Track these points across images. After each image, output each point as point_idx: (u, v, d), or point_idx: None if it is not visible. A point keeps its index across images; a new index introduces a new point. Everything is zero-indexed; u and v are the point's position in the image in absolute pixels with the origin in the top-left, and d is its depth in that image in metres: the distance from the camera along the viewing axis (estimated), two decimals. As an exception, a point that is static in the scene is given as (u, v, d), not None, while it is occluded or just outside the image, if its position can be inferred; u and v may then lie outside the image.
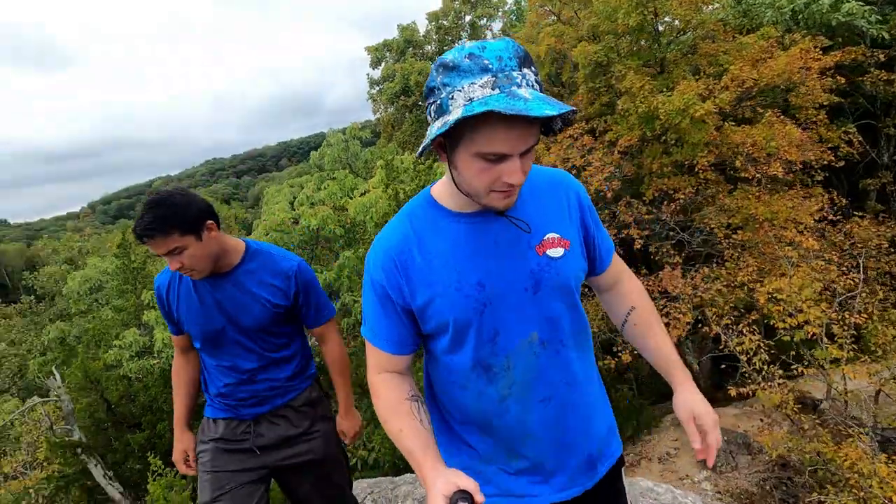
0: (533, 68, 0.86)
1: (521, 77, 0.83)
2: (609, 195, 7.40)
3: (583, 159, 7.77)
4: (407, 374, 1.13)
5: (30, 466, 7.95)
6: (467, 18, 12.79)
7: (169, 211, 1.42)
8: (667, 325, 7.27)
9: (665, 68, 8.16)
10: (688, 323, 6.91)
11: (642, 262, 9.42)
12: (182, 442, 1.79)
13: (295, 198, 11.34)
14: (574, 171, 8.05)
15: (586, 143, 7.99)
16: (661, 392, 11.72)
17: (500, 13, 13.20)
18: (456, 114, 0.82)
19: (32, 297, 19.67)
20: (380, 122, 14.84)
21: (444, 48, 13.67)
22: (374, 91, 14.15)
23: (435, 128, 0.87)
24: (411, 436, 0.99)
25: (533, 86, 0.84)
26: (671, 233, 7.67)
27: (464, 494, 0.87)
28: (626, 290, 1.23)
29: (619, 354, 7.66)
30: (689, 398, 1.11)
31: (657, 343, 1.18)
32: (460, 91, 0.83)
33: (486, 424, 1.09)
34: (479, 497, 0.86)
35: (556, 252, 1.03)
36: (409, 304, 1.03)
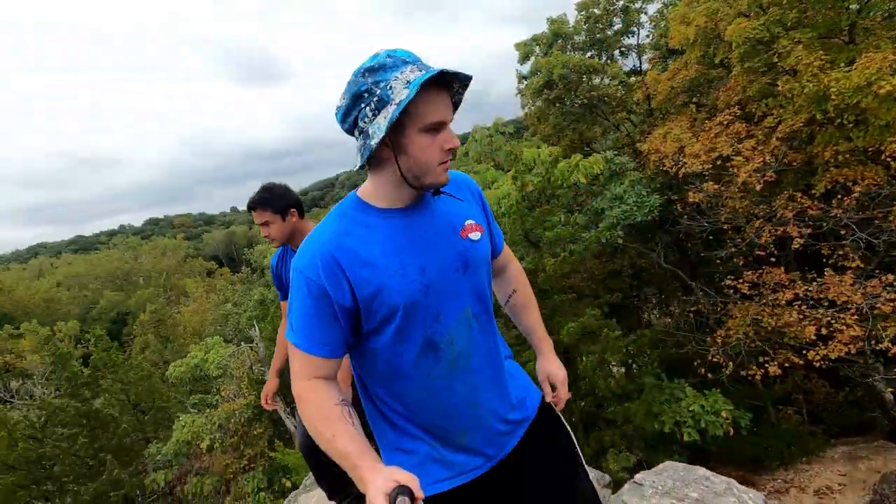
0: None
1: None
2: (759, 187, 6.61)
3: (732, 148, 7.06)
4: (334, 379, 1.13)
5: (237, 395, 10.39)
6: (619, 3, 12.23)
7: (269, 195, 2.10)
8: (827, 337, 6.25)
9: (854, 37, 6.89)
10: (855, 337, 5.88)
11: (801, 263, 8.14)
12: (270, 385, 2.37)
13: (441, 190, 12.35)
14: (719, 161, 7.36)
15: (739, 131, 7.22)
16: (844, 424, 9.89)
17: (655, -6, 12.33)
18: (404, 93, 0.94)
19: (249, 268, 24.61)
20: (528, 117, 15.09)
21: (596, 36, 13.30)
22: (521, 86, 14.45)
23: (384, 117, 0.96)
24: (345, 439, 1.00)
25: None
26: (844, 231, 6.52)
27: (403, 489, 0.86)
28: (511, 275, 1.45)
29: (766, 365, 6.86)
30: (546, 362, 1.44)
31: (530, 322, 1.47)
32: (396, 80, 0.96)
33: (435, 405, 1.13)
34: (418, 492, 0.88)
35: (475, 235, 1.17)
36: (349, 300, 1.04)
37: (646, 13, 12.44)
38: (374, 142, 0.99)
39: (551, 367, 1.42)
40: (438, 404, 1.13)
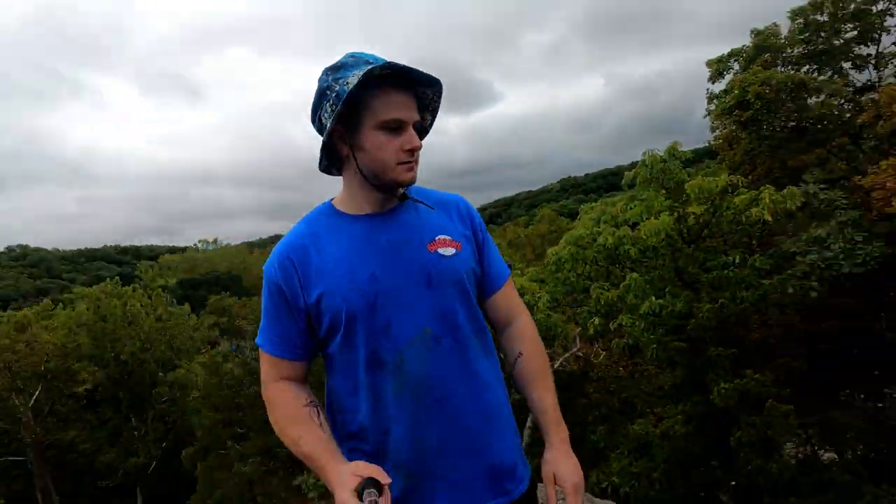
0: None
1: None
2: None
3: None
4: (304, 383, 1.12)
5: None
6: (851, 7, 9.97)
7: None
8: None
9: None
10: None
11: None
12: None
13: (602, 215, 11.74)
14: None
15: None
16: None
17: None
18: (354, 80, 0.94)
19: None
20: (716, 141, 13.41)
21: (819, 47, 11.13)
22: (711, 107, 12.91)
23: (331, 109, 0.98)
24: (311, 441, 0.98)
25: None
26: None
27: (369, 481, 0.85)
28: (518, 333, 1.20)
29: None
30: (554, 457, 1.07)
31: (539, 396, 1.14)
32: (353, 76, 0.95)
33: (378, 432, 1.03)
34: (384, 479, 0.86)
35: (447, 251, 1.07)
36: (303, 302, 1.03)
37: (892, 14, 9.91)
38: (325, 135, 1.01)
39: (562, 465, 1.06)
40: (401, 439, 1.02)
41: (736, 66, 12.53)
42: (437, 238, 1.08)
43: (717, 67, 12.35)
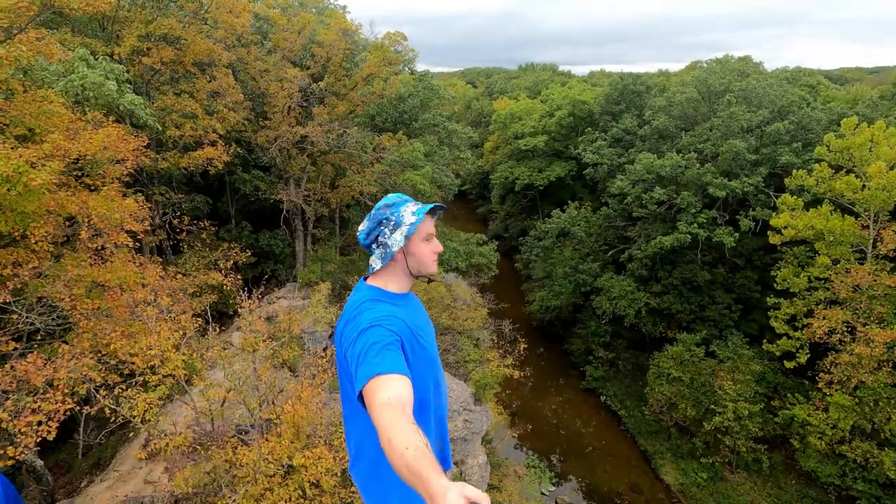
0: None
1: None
2: None
3: None
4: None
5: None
6: None
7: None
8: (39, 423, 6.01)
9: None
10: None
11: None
12: None
13: None
14: None
15: None
16: None
17: None
18: (413, 219, 1.81)
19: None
20: None
21: None
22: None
23: (400, 233, 1.80)
24: (420, 454, 1.10)
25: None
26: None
27: None
28: None
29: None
30: None
31: None
32: (404, 210, 1.85)
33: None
34: None
35: None
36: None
37: None
38: (394, 249, 1.79)
39: None
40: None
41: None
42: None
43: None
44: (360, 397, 1.40)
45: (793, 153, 25.30)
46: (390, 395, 1.30)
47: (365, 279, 1.90)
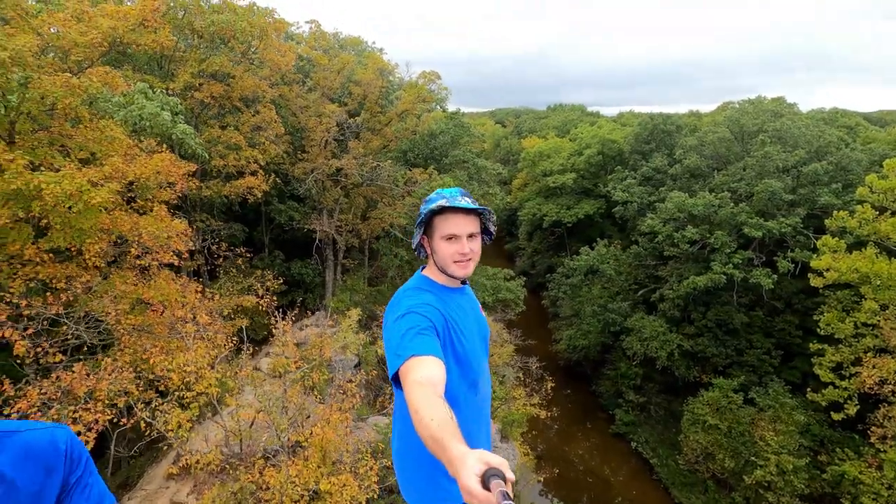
0: (471, 197, 1.81)
1: (461, 197, 1.76)
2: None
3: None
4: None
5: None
6: None
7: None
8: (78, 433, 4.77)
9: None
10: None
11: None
12: None
13: None
14: None
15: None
16: None
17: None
18: (421, 217, 1.79)
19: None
20: None
21: None
22: None
23: (419, 228, 1.83)
24: (444, 423, 1.15)
25: (468, 200, 1.76)
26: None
27: (495, 471, 0.86)
28: None
29: None
30: None
31: None
32: (428, 206, 1.78)
33: None
34: (510, 474, 0.89)
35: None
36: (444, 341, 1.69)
37: None
38: (414, 242, 1.88)
39: None
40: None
41: None
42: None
43: None
44: (396, 378, 1.48)
45: (832, 194, 24.72)
46: (423, 375, 1.36)
47: (422, 268, 1.96)
